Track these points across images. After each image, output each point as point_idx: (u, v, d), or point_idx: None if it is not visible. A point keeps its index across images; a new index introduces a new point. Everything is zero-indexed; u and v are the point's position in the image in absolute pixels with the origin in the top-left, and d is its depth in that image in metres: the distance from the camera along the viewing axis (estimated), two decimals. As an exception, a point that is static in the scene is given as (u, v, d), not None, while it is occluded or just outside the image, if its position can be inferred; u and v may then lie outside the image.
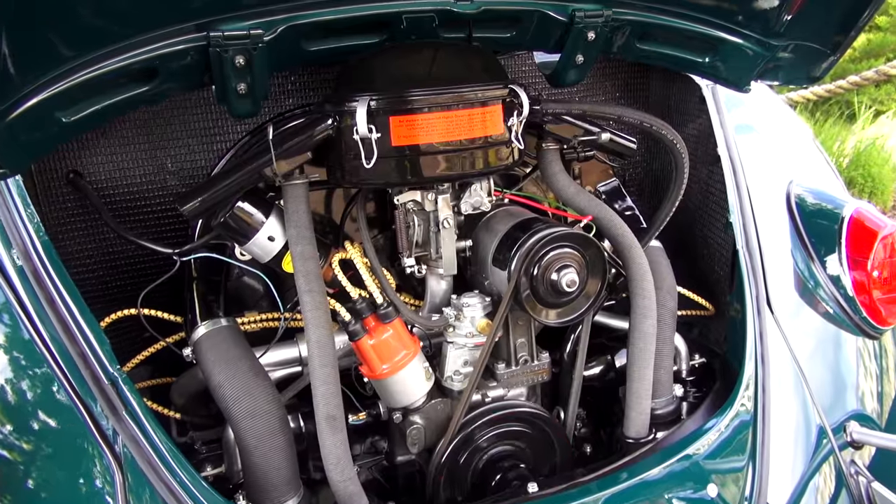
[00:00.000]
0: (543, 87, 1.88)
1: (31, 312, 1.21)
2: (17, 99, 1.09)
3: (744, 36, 1.57)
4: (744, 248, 1.64)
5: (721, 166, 1.74)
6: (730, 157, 1.76)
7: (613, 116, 1.49)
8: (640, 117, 1.50)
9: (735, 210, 1.68)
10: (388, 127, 1.24)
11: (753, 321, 1.55)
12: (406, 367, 1.38)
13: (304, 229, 1.31)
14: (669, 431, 1.47)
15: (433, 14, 1.37)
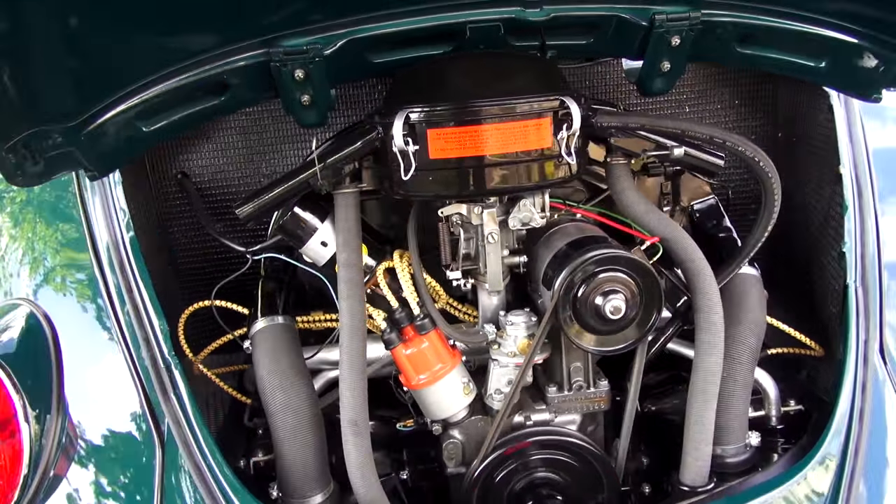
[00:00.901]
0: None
1: (113, 295, 1.37)
2: (98, 110, 1.24)
3: (864, 36, 1.34)
4: (857, 282, 1.41)
5: (842, 187, 1.51)
6: (854, 177, 1.52)
7: (676, 131, 1.35)
8: (710, 132, 1.34)
9: (852, 238, 1.45)
10: (426, 140, 1.24)
11: (855, 368, 1.33)
12: (442, 380, 1.37)
13: (351, 237, 1.34)
14: (732, 483, 1.31)
15: (499, 23, 1.34)
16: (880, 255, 1.44)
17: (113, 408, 1.30)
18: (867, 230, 1.46)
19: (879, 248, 1.45)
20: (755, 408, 1.49)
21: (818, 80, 1.51)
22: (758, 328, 1.41)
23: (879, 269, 1.43)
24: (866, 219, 1.47)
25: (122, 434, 1.29)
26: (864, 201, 1.49)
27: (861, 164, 1.53)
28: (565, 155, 1.26)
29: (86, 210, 1.47)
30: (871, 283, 1.41)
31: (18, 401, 1.24)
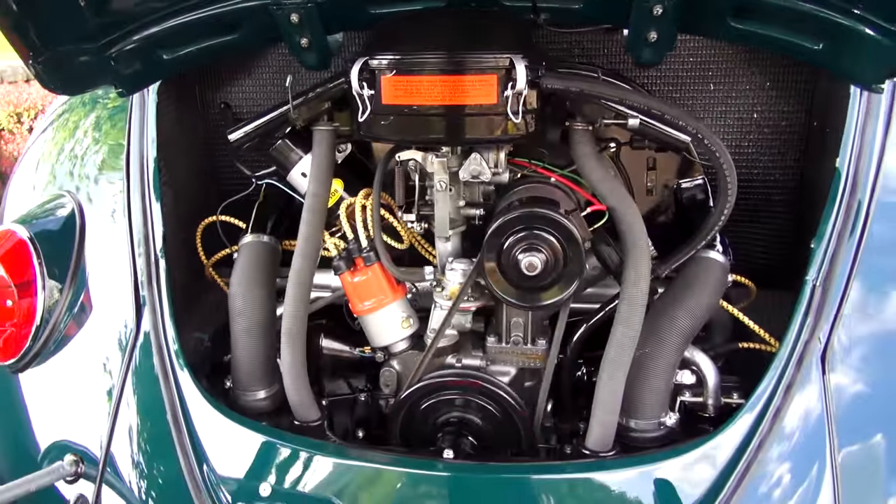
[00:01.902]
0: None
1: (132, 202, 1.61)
2: (117, 36, 1.46)
3: (862, 20, 1.25)
4: (817, 280, 1.33)
5: (836, 181, 1.42)
6: (851, 173, 1.41)
7: (613, 98, 1.33)
8: (656, 106, 1.31)
9: (827, 235, 1.36)
10: (379, 86, 1.34)
11: (784, 366, 1.28)
12: (381, 310, 1.49)
13: (321, 171, 1.49)
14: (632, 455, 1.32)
15: None
16: (856, 258, 1.34)
17: (112, 290, 1.55)
18: (847, 229, 1.36)
19: (858, 251, 1.35)
20: (695, 394, 1.46)
21: (819, 64, 1.41)
22: (698, 312, 1.38)
23: (850, 273, 1.33)
24: (850, 218, 1.37)
25: (113, 313, 1.53)
26: (855, 200, 1.39)
27: (865, 162, 1.42)
28: (511, 113, 1.31)
29: (130, 127, 1.73)
30: (836, 285, 1.32)
31: (38, 268, 1.53)
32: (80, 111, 1.96)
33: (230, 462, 1.33)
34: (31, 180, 1.85)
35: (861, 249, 1.35)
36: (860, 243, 1.35)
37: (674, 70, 1.77)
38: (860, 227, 1.37)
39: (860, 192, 1.39)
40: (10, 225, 1.58)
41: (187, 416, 1.38)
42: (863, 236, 1.36)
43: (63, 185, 1.76)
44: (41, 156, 1.91)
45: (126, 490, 1.39)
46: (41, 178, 1.83)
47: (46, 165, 1.85)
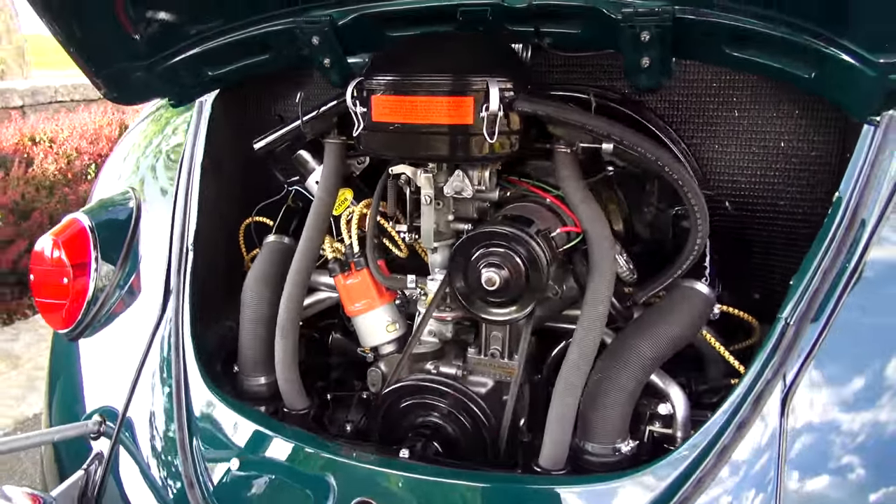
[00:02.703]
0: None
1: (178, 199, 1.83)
2: (165, 55, 1.68)
3: (844, 49, 1.20)
4: (791, 318, 1.27)
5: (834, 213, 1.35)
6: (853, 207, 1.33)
7: (577, 124, 1.34)
8: (616, 133, 1.31)
9: (811, 271, 1.30)
10: (370, 104, 1.45)
11: (739, 404, 1.23)
12: (368, 313, 1.59)
13: (328, 180, 1.62)
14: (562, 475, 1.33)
15: (487, 7, 1.48)
16: (840, 300, 1.27)
17: (154, 276, 1.76)
18: (835, 268, 1.29)
19: (844, 292, 1.27)
20: (665, 425, 1.44)
21: (812, 91, 1.35)
22: (663, 342, 1.36)
23: (831, 315, 1.26)
24: (841, 255, 1.29)
25: (150, 296, 1.74)
26: (850, 237, 1.31)
27: (870, 197, 1.33)
28: (487, 134, 1.37)
29: (189, 132, 1.95)
30: (812, 325, 1.26)
31: (94, 253, 1.78)
32: (164, 113, 2.23)
33: (214, 436, 1.49)
34: (114, 173, 2.14)
35: (847, 291, 1.27)
36: (848, 284, 1.27)
37: (696, 94, 1.73)
38: (851, 266, 1.29)
39: (857, 230, 1.31)
40: (77, 214, 1.84)
41: (188, 392, 1.55)
42: (853, 277, 1.28)
43: (132, 180, 2.02)
44: (126, 151, 2.19)
45: (135, 452, 1.59)
46: (119, 172, 2.11)
47: (125, 161, 2.13)
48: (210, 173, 1.87)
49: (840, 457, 1.19)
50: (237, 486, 1.42)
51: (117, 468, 1.59)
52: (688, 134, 1.76)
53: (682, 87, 1.73)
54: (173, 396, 1.56)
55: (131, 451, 1.59)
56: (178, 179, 1.87)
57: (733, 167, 1.75)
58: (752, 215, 1.76)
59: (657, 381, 1.44)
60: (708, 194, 1.60)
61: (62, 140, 5.39)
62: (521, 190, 1.59)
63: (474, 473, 1.32)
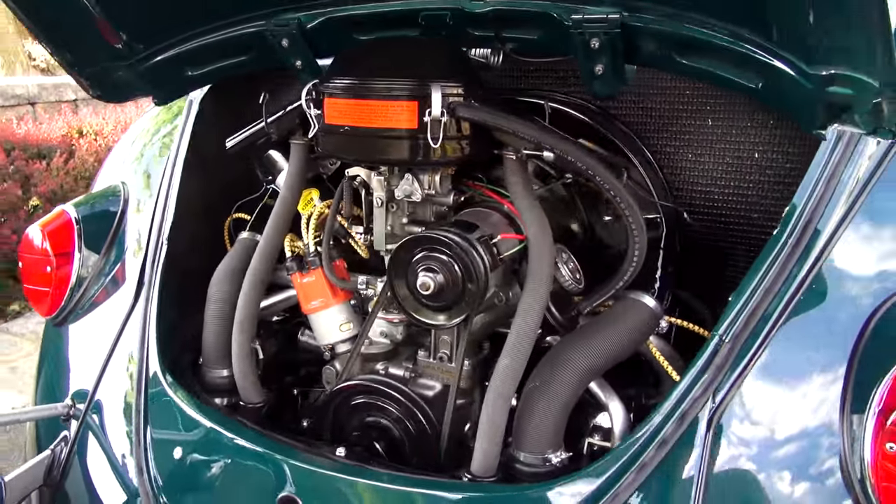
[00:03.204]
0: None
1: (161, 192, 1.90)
2: (146, 55, 1.74)
3: (784, 59, 1.16)
4: (726, 336, 1.23)
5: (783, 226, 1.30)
6: (797, 223, 1.29)
7: (508, 131, 1.32)
8: (546, 141, 1.29)
9: (749, 288, 1.25)
10: (323, 107, 1.47)
11: (663, 421, 1.20)
12: (321, 312, 1.62)
13: (292, 180, 1.65)
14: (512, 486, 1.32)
15: (447, 12, 1.48)
16: (780, 318, 1.22)
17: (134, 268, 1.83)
18: (777, 285, 1.24)
19: (785, 311, 1.23)
20: (606, 438, 1.41)
21: (765, 102, 1.31)
22: (599, 353, 1.33)
23: (769, 333, 1.22)
24: (784, 272, 1.25)
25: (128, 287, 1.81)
26: (797, 254, 1.26)
27: (819, 213, 1.28)
28: (430, 139, 1.37)
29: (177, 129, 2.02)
30: (748, 343, 1.22)
31: (77, 243, 1.87)
32: (162, 109, 2.30)
33: (164, 425, 1.54)
34: (111, 167, 2.23)
35: (789, 310, 1.22)
36: (790, 303, 1.23)
37: (670, 102, 1.69)
38: (795, 285, 1.24)
39: (804, 248, 1.26)
40: (65, 206, 1.93)
41: (147, 382, 1.61)
42: (796, 296, 1.23)
43: (124, 175, 2.10)
44: (124, 146, 2.28)
45: (99, 435, 1.65)
46: (115, 167, 2.19)
47: (121, 156, 2.22)
48: (194, 170, 1.93)
49: (766, 481, 1.15)
50: (179, 474, 1.46)
51: (83, 450, 1.66)
52: (661, 143, 1.73)
53: (655, 95, 1.70)
54: (134, 385, 1.62)
55: (96, 435, 1.66)
56: (163, 175, 1.94)
57: (707, 178, 1.70)
58: (726, 227, 1.71)
59: (599, 392, 1.42)
60: (667, 206, 1.57)
61: (107, 133, 5.63)
62: (478, 194, 1.58)
63: (398, 476, 1.32)
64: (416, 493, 1.30)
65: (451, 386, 1.47)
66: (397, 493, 1.31)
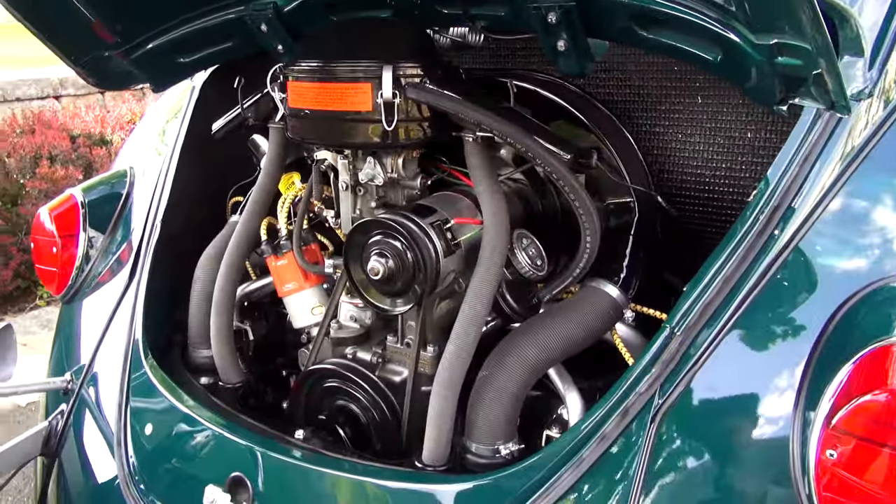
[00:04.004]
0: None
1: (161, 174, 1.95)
2: (136, 44, 1.78)
3: (730, 28, 1.07)
4: (677, 327, 1.16)
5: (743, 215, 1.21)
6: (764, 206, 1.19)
7: (451, 111, 1.27)
8: (488, 124, 1.24)
9: (705, 279, 1.17)
10: (286, 90, 1.47)
11: (607, 417, 1.15)
12: (293, 296, 1.63)
13: (269, 164, 1.67)
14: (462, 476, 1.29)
15: None
16: (737, 311, 1.13)
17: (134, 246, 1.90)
18: (737, 275, 1.15)
19: (743, 304, 1.14)
20: (562, 430, 1.36)
21: (723, 76, 1.21)
22: (551, 343, 1.28)
23: (724, 327, 1.13)
24: (746, 262, 1.16)
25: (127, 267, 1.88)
26: (760, 242, 1.17)
27: (788, 197, 1.18)
28: (384, 121, 1.35)
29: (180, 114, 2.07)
30: (701, 337, 1.14)
31: (82, 225, 1.95)
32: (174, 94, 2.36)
33: (141, 401, 1.59)
34: (124, 151, 2.31)
35: (749, 301, 1.14)
36: (749, 294, 1.14)
37: (657, 79, 1.60)
38: (757, 274, 1.15)
39: (768, 236, 1.16)
40: (73, 190, 2.02)
41: (132, 360, 1.67)
42: (757, 286, 1.14)
43: (133, 159, 2.17)
44: (138, 132, 2.36)
45: (93, 409, 1.73)
46: (127, 151, 2.27)
47: (133, 141, 2.29)
48: (192, 153, 1.97)
49: (708, 485, 1.08)
50: (149, 450, 1.51)
51: (79, 423, 1.74)
52: (649, 123, 1.64)
53: (642, 73, 1.62)
54: (121, 364, 1.68)
55: (91, 409, 1.74)
56: (164, 160, 1.99)
57: (697, 159, 1.61)
58: (718, 212, 1.61)
59: (558, 382, 1.37)
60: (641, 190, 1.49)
61: (170, 119, 5.85)
62: (447, 177, 1.55)
63: (346, 462, 1.32)
64: (362, 480, 1.30)
65: (409, 372, 1.45)
66: (344, 480, 1.30)
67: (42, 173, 4.45)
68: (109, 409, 1.68)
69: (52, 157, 4.66)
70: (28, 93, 6.26)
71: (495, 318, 1.45)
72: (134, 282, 1.82)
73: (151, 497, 1.44)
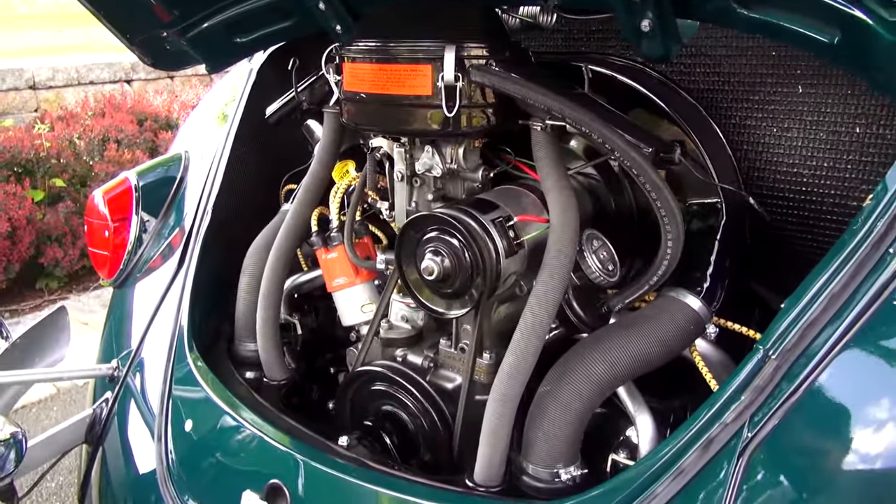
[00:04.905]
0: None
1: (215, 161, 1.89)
2: (192, 22, 1.72)
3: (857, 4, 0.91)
4: (773, 350, 1.00)
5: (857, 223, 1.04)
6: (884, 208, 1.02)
7: (518, 96, 1.13)
8: (558, 109, 1.09)
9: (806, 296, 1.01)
10: (342, 72, 1.37)
11: (684, 450, 1.00)
12: (345, 291, 1.53)
13: (322, 151, 1.57)
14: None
15: None
16: (850, 330, 0.97)
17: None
18: (849, 289, 0.99)
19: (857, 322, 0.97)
20: (632, 456, 1.22)
21: (837, 61, 1.04)
22: (623, 359, 1.14)
23: (831, 351, 0.98)
24: (860, 275, 0.99)
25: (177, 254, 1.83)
26: (880, 251, 1.00)
27: None
28: (444, 106, 1.23)
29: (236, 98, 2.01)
30: (801, 362, 0.98)
31: (135, 209, 1.91)
32: (230, 77, 2.30)
33: (182, 395, 1.53)
34: (182, 134, 2.27)
35: (859, 326, 0.97)
36: (863, 314, 0.97)
37: (751, 65, 1.43)
38: (873, 291, 0.98)
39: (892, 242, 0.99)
40: (127, 173, 1.98)
41: (176, 350, 1.61)
42: (873, 304, 0.98)
43: (188, 143, 2.12)
44: (196, 115, 2.31)
45: (137, 399, 1.68)
46: (184, 135, 2.23)
47: (190, 124, 2.25)
48: (247, 139, 1.91)
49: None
50: (188, 447, 1.45)
51: (124, 412, 1.70)
52: (740, 115, 1.47)
53: (733, 58, 1.45)
54: (166, 354, 1.62)
55: (135, 398, 1.69)
56: (219, 144, 1.93)
57: (794, 156, 1.43)
58: (816, 216, 1.43)
59: (627, 402, 1.23)
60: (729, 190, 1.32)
61: (234, 103, 5.90)
62: (513, 170, 1.42)
63: (391, 477, 1.22)
64: (407, 499, 1.19)
65: (463, 380, 1.34)
66: (390, 497, 1.20)
67: (109, 156, 4.53)
68: (153, 401, 1.62)
69: (118, 140, 4.74)
70: (101, 76, 6.41)
71: (558, 327, 1.32)
72: (183, 269, 1.76)
73: (188, 497, 1.37)
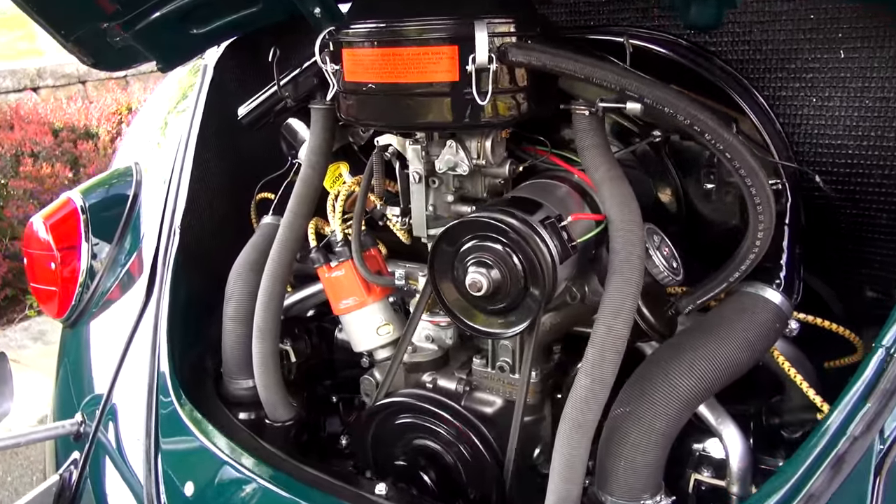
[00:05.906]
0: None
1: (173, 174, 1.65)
2: (140, 13, 1.47)
3: None
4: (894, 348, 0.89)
5: None
6: None
7: (580, 77, 0.98)
8: (630, 87, 0.95)
9: None
10: (341, 61, 1.17)
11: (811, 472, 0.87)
12: (356, 312, 1.33)
13: (313, 153, 1.36)
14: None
15: None
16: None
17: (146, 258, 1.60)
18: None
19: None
20: (718, 474, 1.09)
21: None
22: (710, 369, 1.00)
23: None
24: None
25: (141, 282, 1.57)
26: None
27: None
28: (477, 93, 1.05)
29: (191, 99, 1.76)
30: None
31: (84, 235, 1.64)
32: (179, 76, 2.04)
33: (176, 450, 1.30)
34: (125, 145, 2.00)
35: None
36: None
37: (787, 31, 1.31)
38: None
39: None
40: (71, 193, 1.71)
41: (159, 397, 1.38)
42: None
43: (138, 154, 1.86)
44: (140, 121, 2.05)
45: (113, 457, 1.44)
46: (129, 145, 1.96)
47: (136, 132, 1.98)
48: (210, 145, 1.67)
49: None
50: (190, 512, 1.23)
51: (97, 474, 1.45)
52: (775, 85, 1.35)
53: (767, 23, 1.32)
54: (145, 401, 1.39)
55: (111, 456, 1.44)
56: (176, 152, 1.69)
57: (837, 127, 1.33)
58: (865, 191, 1.33)
59: (707, 413, 1.09)
60: (790, 167, 1.20)
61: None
62: (541, 162, 1.26)
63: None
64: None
65: (517, 403, 1.17)
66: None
67: (26, 171, 4.10)
68: (134, 459, 1.39)
69: (34, 154, 4.31)
70: (3, 85, 5.86)
71: None
72: (153, 299, 1.52)
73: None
